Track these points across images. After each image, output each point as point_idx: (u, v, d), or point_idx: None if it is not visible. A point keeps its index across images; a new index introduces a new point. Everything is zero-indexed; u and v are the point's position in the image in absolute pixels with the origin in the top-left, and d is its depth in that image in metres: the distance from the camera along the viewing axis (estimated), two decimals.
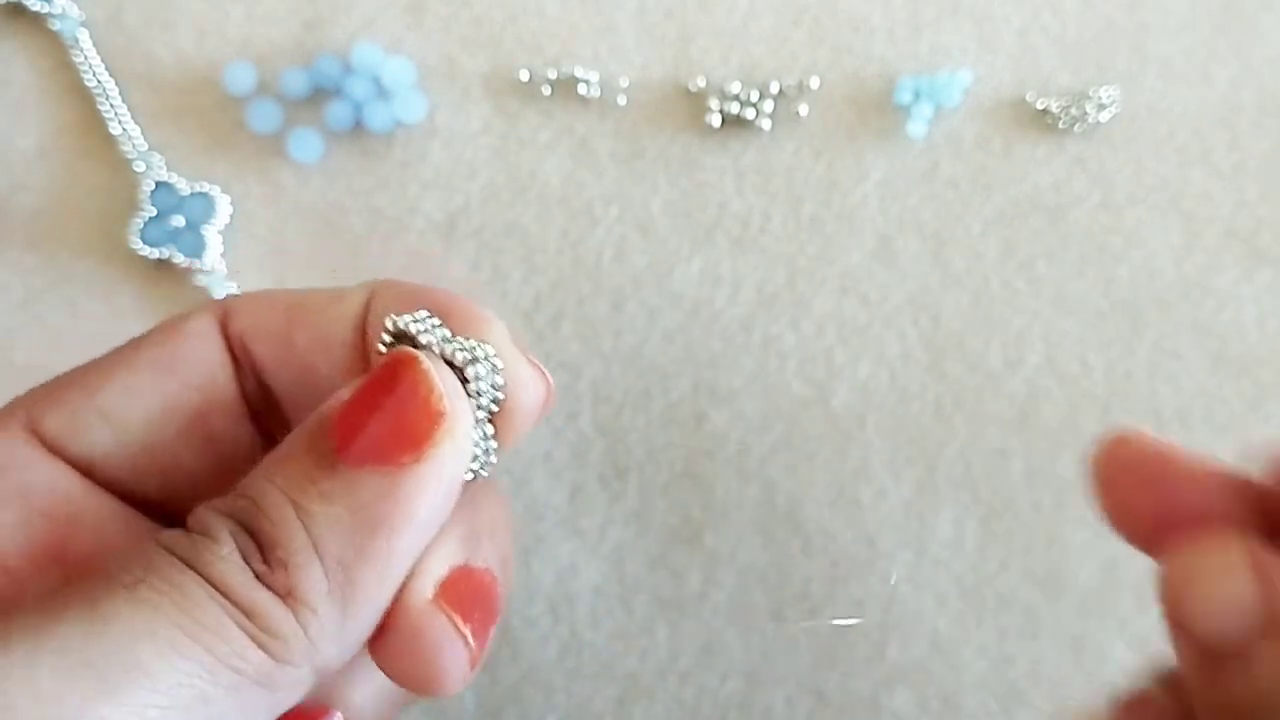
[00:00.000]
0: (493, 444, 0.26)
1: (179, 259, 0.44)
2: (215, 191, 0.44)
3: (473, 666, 0.26)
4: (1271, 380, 0.45)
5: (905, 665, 0.44)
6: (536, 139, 0.45)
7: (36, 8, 0.43)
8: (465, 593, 0.26)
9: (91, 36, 0.44)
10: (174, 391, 0.28)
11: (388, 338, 0.26)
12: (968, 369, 0.45)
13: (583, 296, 0.45)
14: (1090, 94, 0.45)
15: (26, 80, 0.44)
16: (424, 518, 0.24)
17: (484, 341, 0.26)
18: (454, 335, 0.26)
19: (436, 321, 0.26)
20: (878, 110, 0.45)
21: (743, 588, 0.44)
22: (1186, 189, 0.45)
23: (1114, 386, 0.45)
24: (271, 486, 0.24)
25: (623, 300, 0.45)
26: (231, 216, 0.44)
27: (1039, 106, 0.45)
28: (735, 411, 0.44)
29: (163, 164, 0.44)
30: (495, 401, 0.26)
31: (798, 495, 0.44)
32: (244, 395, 0.29)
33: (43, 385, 0.28)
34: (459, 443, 0.24)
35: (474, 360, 0.25)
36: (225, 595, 0.22)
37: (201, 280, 0.44)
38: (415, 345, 0.26)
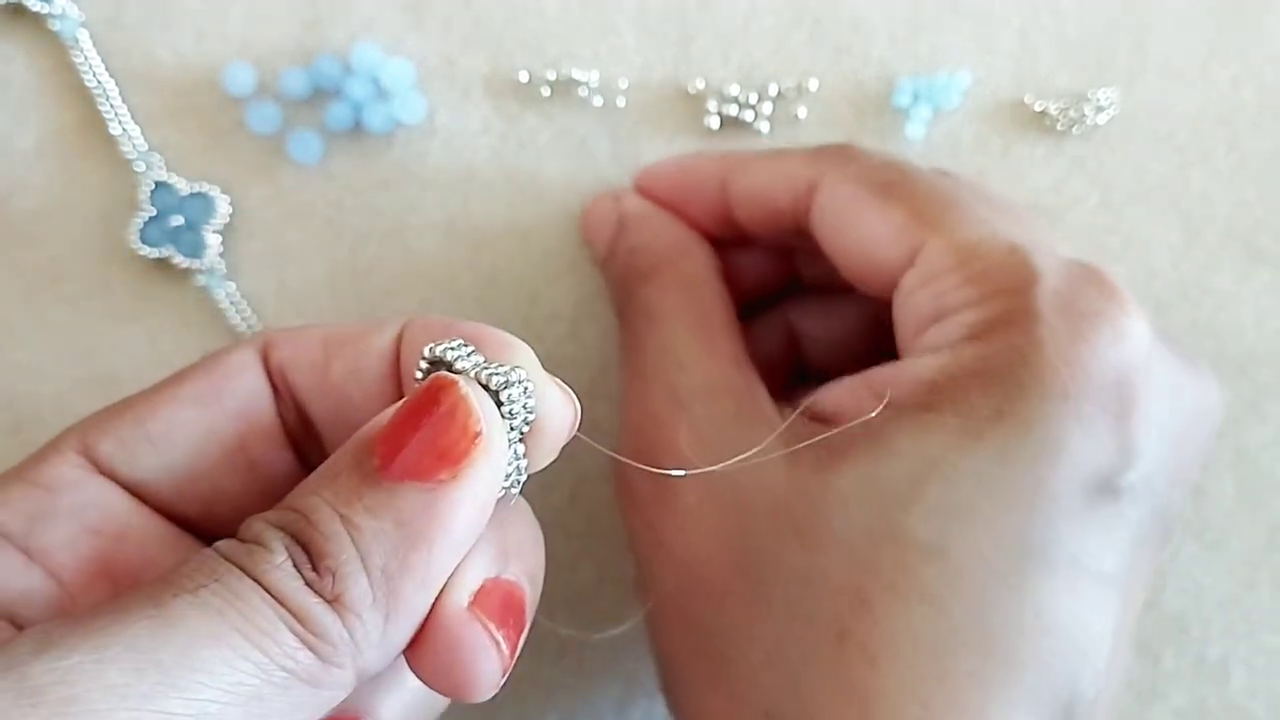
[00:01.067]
0: (524, 463, 0.28)
1: (178, 259, 0.44)
2: (215, 192, 0.44)
3: (504, 673, 0.27)
4: (1270, 380, 0.45)
5: None
6: (536, 140, 0.45)
7: (36, 8, 0.43)
8: (497, 603, 0.27)
9: (91, 37, 0.44)
10: (218, 421, 0.30)
11: (424, 364, 0.28)
12: None
13: (581, 297, 0.45)
14: (1089, 95, 0.45)
15: (26, 80, 0.44)
16: (461, 532, 0.26)
17: (516, 366, 0.27)
18: (488, 361, 0.27)
19: (470, 348, 0.28)
20: (876, 112, 0.45)
21: None
22: (1185, 190, 0.46)
23: None
24: (320, 501, 0.25)
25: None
26: (231, 217, 0.44)
27: (1038, 108, 0.45)
28: None
29: (162, 164, 0.44)
30: (527, 423, 0.27)
31: None
32: (284, 423, 0.31)
33: (95, 414, 0.30)
34: (493, 462, 0.26)
35: (508, 384, 0.27)
36: (279, 601, 0.24)
37: (201, 280, 0.44)
38: (451, 371, 0.27)
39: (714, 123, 0.44)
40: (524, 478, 0.28)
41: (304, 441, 0.32)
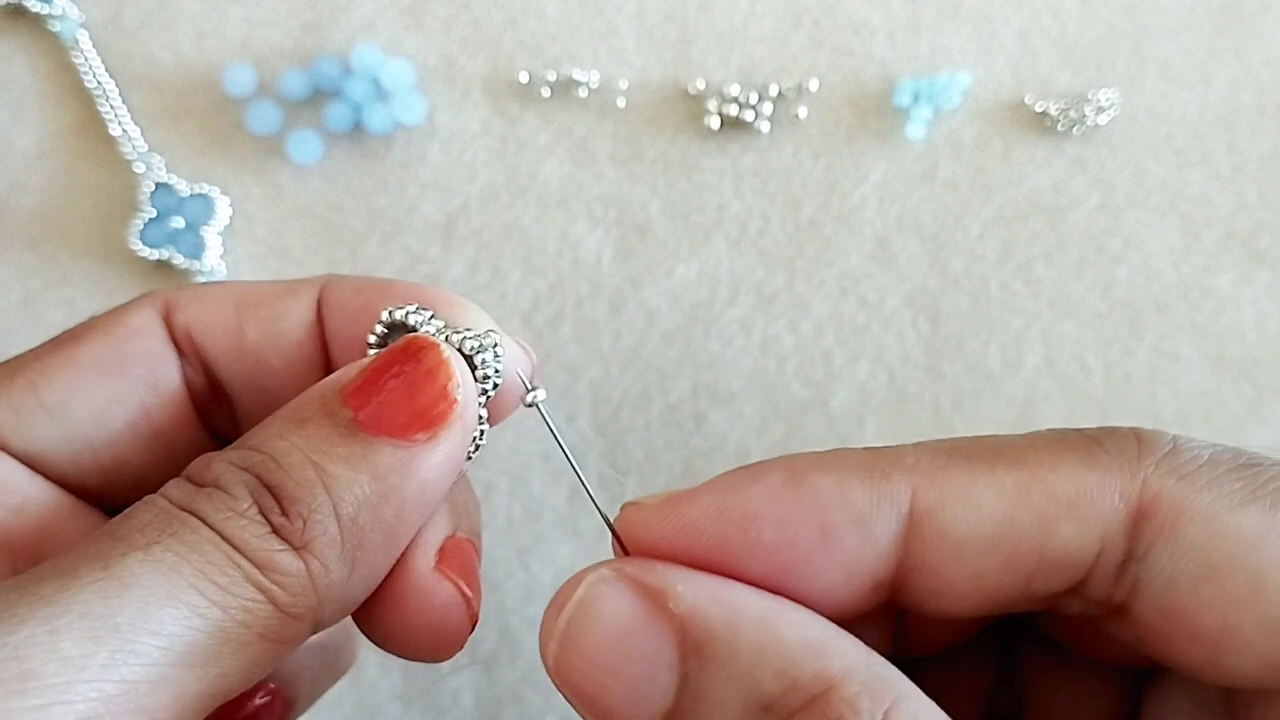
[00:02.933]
0: (485, 426, 0.28)
1: (178, 260, 0.44)
2: (215, 193, 0.44)
3: (472, 629, 0.27)
4: (1270, 382, 0.45)
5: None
6: (536, 140, 0.45)
7: (36, 9, 0.43)
8: (458, 559, 0.27)
9: (91, 38, 0.44)
10: (120, 388, 0.29)
11: (380, 329, 0.27)
12: (966, 370, 0.45)
13: (582, 298, 0.45)
14: (1089, 96, 0.45)
15: (26, 81, 0.44)
16: (432, 493, 0.25)
17: (490, 330, 0.27)
18: (453, 325, 0.27)
19: (429, 313, 0.27)
20: (877, 112, 0.45)
21: None
22: (1185, 191, 0.45)
23: (1113, 388, 0.45)
24: (291, 446, 0.25)
25: (622, 302, 0.45)
26: (231, 218, 0.44)
27: (1038, 109, 0.45)
28: (734, 413, 0.44)
29: (162, 165, 0.44)
30: (495, 385, 0.27)
31: None
32: (189, 388, 0.30)
33: None
34: (467, 426, 0.26)
35: (481, 349, 0.27)
36: (240, 551, 0.23)
37: (201, 281, 0.44)
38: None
39: (714, 122, 0.44)
40: (484, 442, 0.28)
41: (209, 405, 0.30)
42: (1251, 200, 0.45)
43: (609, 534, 0.26)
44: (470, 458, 0.27)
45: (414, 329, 0.27)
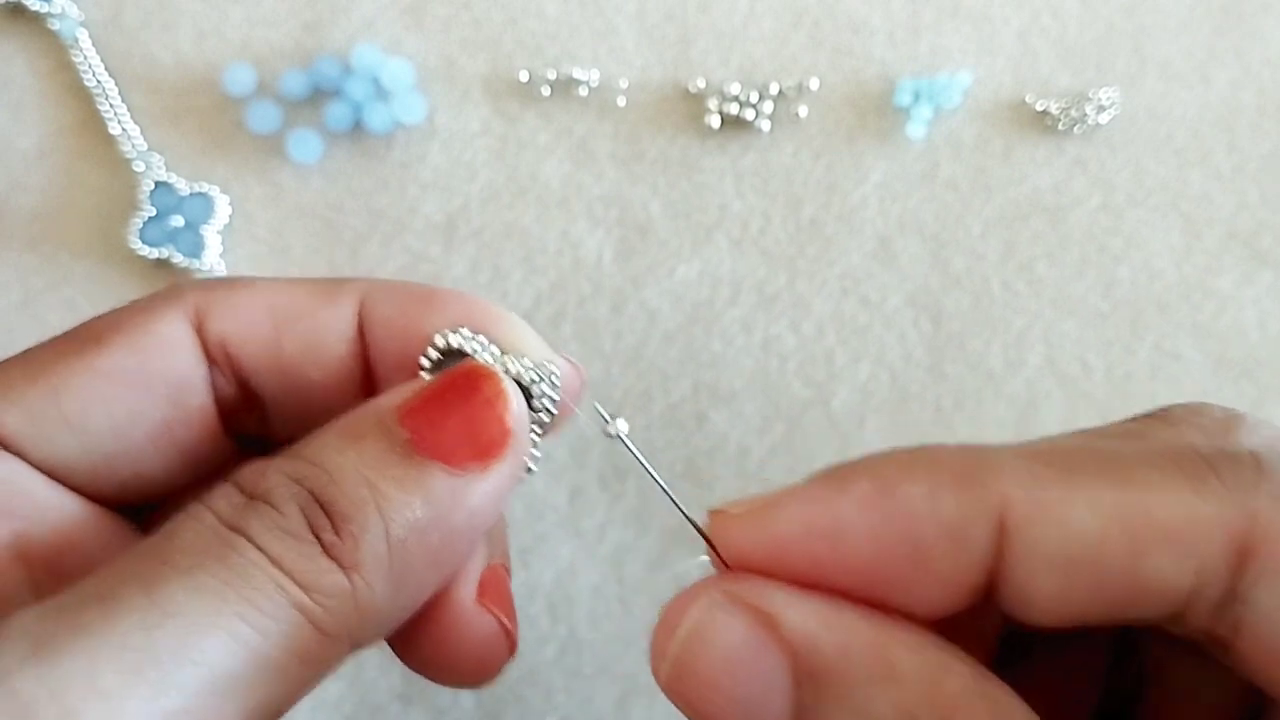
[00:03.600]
0: (537, 452, 0.28)
1: (178, 259, 0.44)
2: (214, 192, 0.44)
3: (511, 657, 0.28)
4: (1272, 382, 0.45)
5: None
6: (536, 140, 0.45)
7: (36, 8, 0.43)
8: (497, 590, 0.27)
9: (91, 37, 0.44)
10: (144, 404, 0.28)
11: (434, 354, 0.27)
12: (968, 370, 0.44)
13: (583, 297, 0.45)
14: (1090, 96, 0.45)
15: (26, 80, 0.44)
16: (480, 523, 0.25)
17: (548, 362, 0.28)
18: (510, 352, 0.27)
19: (485, 339, 0.27)
20: (877, 112, 0.45)
21: None
22: (1186, 191, 0.45)
23: (1114, 388, 0.45)
24: (346, 462, 0.24)
25: (623, 301, 0.45)
26: (231, 217, 0.44)
27: (1039, 108, 0.45)
28: (735, 412, 0.44)
29: (162, 164, 0.44)
30: (550, 415, 0.28)
31: None
32: (217, 397, 0.29)
33: None
34: (520, 459, 0.26)
35: (539, 380, 0.27)
36: (287, 572, 0.23)
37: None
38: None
39: (715, 121, 0.44)
40: (535, 468, 0.28)
41: (237, 408, 0.29)
42: (1253, 200, 0.45)
43: (692, 533, 0.26)
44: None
45: (469, 355, 0.27)
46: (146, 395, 0.28)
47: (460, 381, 0.26)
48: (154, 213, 0.43)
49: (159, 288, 0.44)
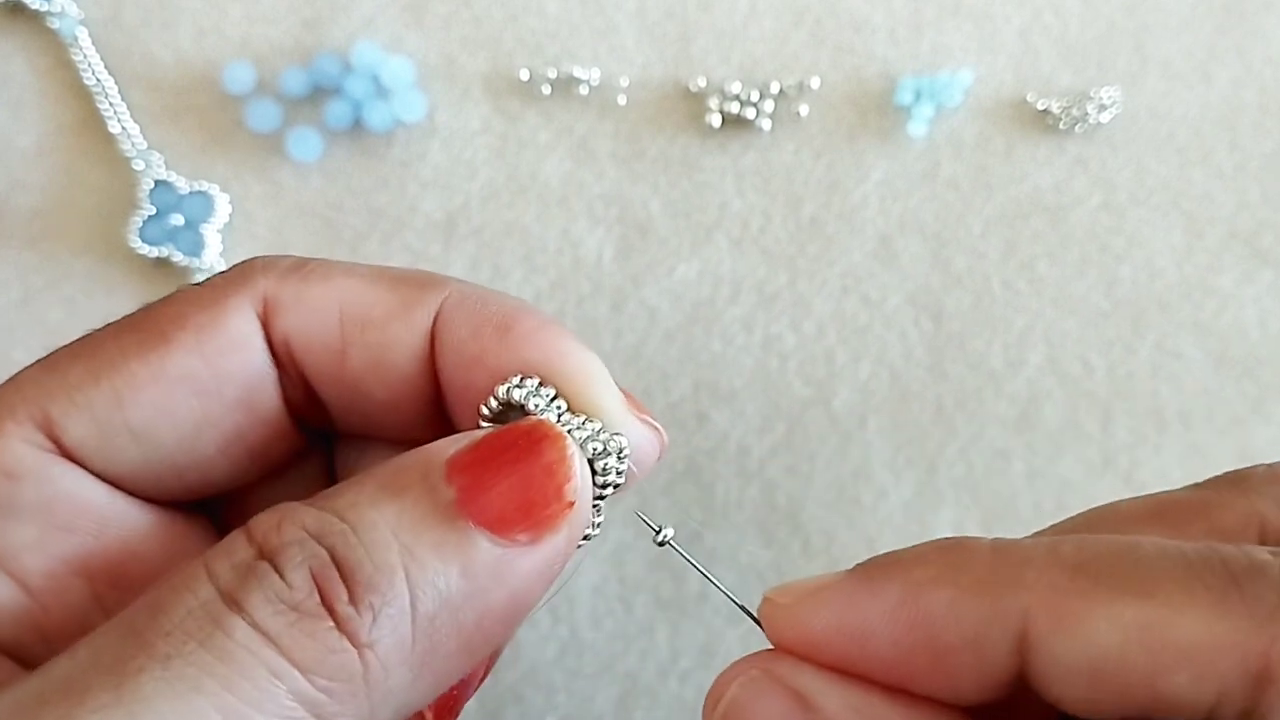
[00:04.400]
0: (599, 519, 0.25)
1: (178, 257, 0.44)
2: (214, 190, 0.44)
3: None
4: (1273, 381, 0.45)
5: None
6: (536, 139, 0.45)
7: (36, 6, 0.43)
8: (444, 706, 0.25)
9: (90, 35, 0.44)
10: (212, 411, 0.26)
11: (495, 404, 0.25)
12: (969, 369, 0.44)
13: (583, 296, 0.45)
14: (1091, 94, 0.45)
15: (25, 79, 0.44)
16: (520, 605, 0.23)
17: (616, 434, 0.25)
18: (578, 416, 0.25)
19: (551, 393, 0.25)
20: (878, 110, 0.45)
21: (743, 588, 0.44)
22: (1188, 190, 0.45)
23: (1115, 387, 0.45)
24: (379, 520, 0.22)
25: (623, 300, 0.45)
26: (230, 215, 0.44)
27: (1040, 107, 0.45)
28: (736, 411, 0.44)
29: (162, 163, 0.44)
30: (614, 487, 0.25)
31: (798, 495, 0.44)
32: (286, 399, 0.27)
33: (48, 373, 0.26)
34: (575, 533, 0.23)
35: (605, 453, 0.24)
36: (286, 655, 0.20)
37: (200, 279, 0.44)
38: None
39: (715, 120, 0.44)
40: (594, 535, 0.25)
41: (307, 410, 0.27)
42: (1254, 199, 0.45)
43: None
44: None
45: (532, 412, 0.24)
46: (216, 402, 0.26)
47: (521, 440, 0.23)
48: (154, 211, 0.43)
49: (159, 287, 0.44)
